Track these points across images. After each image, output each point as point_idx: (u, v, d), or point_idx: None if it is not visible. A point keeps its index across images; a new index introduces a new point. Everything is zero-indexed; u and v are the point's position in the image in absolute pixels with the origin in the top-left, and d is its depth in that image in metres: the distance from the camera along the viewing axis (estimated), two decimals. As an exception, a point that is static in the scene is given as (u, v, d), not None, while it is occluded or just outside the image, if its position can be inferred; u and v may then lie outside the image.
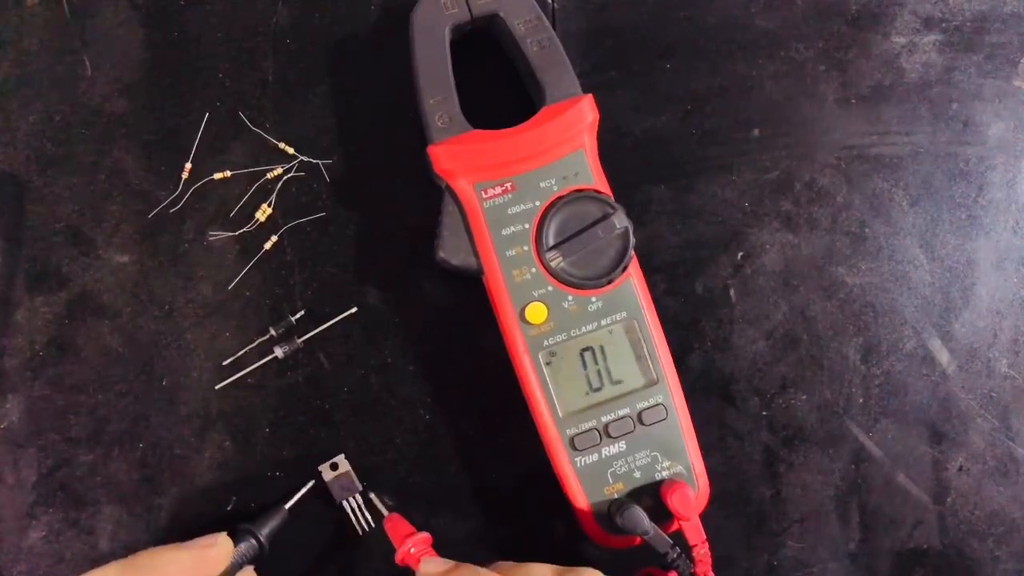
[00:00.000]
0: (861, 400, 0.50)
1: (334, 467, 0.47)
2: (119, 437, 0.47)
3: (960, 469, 0.50)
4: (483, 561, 0.41)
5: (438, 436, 0.48)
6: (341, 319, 0.48)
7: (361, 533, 0.47)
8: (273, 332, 0.47)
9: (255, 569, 0.44)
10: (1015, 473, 0.50)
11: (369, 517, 0.47)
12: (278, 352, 0.47)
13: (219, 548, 0.41)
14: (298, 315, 0.48)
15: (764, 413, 0.49)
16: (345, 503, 0.47)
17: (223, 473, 0.47)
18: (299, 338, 0.47)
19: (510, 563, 0.41)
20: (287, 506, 0.46)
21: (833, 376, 0.50)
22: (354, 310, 0.48)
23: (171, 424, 0.47)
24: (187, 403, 0.47)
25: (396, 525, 0.44)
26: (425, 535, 0.43)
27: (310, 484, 0.46)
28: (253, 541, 0.43)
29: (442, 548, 0.46)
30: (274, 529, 0.44)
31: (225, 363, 0.47)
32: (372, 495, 0.47)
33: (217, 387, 0.47)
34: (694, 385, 0.49)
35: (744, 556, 0.49)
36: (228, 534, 0.42)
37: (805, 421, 0.49)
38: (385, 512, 0.46)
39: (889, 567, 0.49)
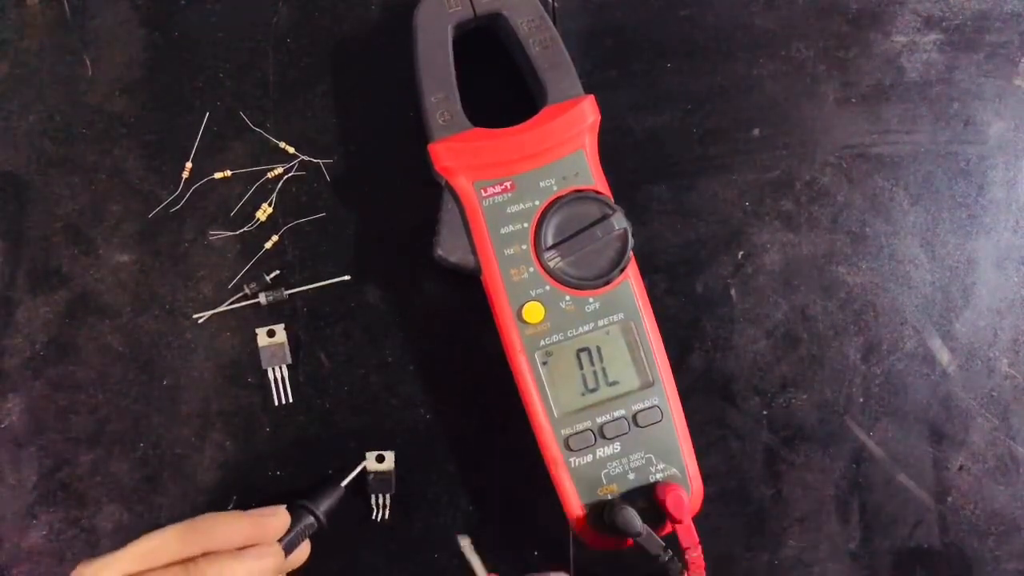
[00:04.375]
0: (861, 400, 0.50)
1: (380, 459, 0.47)
2: (119, 437, 0.47)
3: (960, 468, 0.50)
4: (484, 559, 0.42)
5: (438, 436, 0.48)
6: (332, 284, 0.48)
7: (380, 522, 0.47)
8: (247, 289, 0.47)
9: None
10: (1015, 472, 0.50)
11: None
12: (262, 299, 0.47)
13: (278, 518, 0.42)
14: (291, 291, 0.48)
15: (764, 413, 0.49)
16: (374, 497, 0.47)
17: (223, 473, 0.47)
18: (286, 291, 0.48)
19: None
20: (344, 483, 0.46)
21: (833, 375, 0.50)
22: (347, 277, 0.48)
23: (171, 424, 0.47)
24: (187, 403, 0.47)
25: None
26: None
27: (363, 465, 0.47)
28: (311, 517, 0.44)
29: (442, 547, 0.46)
30: (331, 506, 0.45)
31: (198, 317, 0.47)
32: (466, 545, 0.47)
33: (199, 319, 0.47)
34: (694, 385, 0.49)
35: (744, 556, 0.49)
36: (287, 508, 0.43)
37: (805, 421, 0.49)
38: (483, 573, 0.46)
39: (889, 566, 0.49)
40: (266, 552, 0.40)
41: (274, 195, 0.48)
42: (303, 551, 0.44)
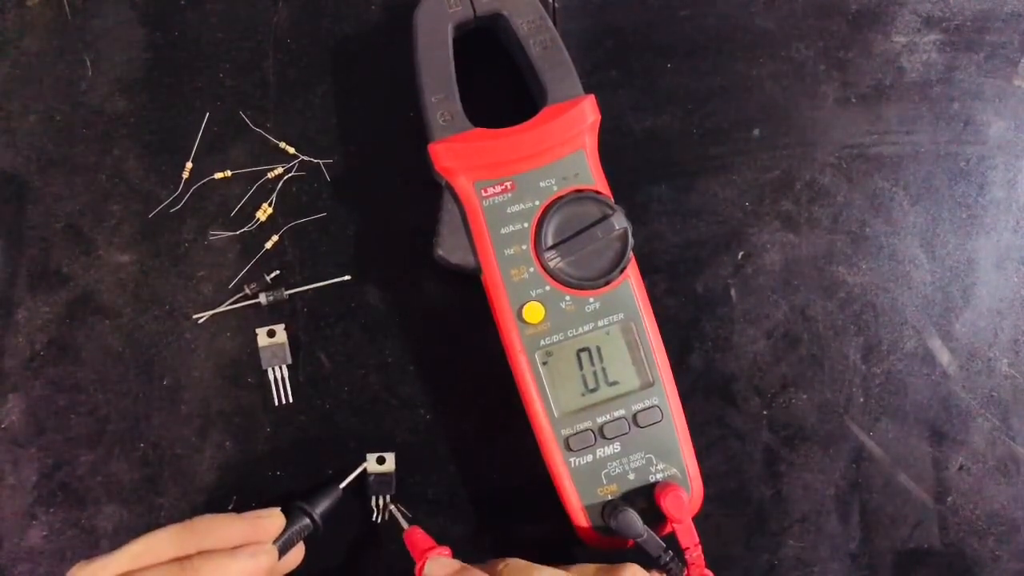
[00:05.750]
0: (861, 400, 0.50)
1: (381, 461, 0.47)
2: (119, 437, 0.47)
3: (960, 468, 0.50)
4: (484, 559, 0.42)
5: (438, 436, 0.48)
6: (333, 283, 0.48)
7: (378, 521, 0.47)
8: (246, 290, 0.47)
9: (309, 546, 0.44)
10: (1016, 473, 0.50)
11: (392, 511, 0.47)
12: (262, 298, 0.47)
13: (273, 519, 0.42)
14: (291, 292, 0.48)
15: (764, 413, 0.49)
16: (374, 498, 0.47)
17: (223, 473, 0.47)
18: (286, 290, 0.48)
19: (524, 562, 0.41)
20: (342, 486, 0.46)
21: (834, 376, 0.50)
22: (347, 277, 0.48)
23: (171, 424, 0.47)
24: (187, 403, 0.47)
25: (415, 538, 0.44)
26: (445, 548, 0.43)
27: (363, 466, 0.47)
28: (306, 519, 0.44)
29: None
30: (328, 508, 0.45)
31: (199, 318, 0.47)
32: (392, 507, 0.47)
33: (199, 319, 0.47)
34: (694, 385, 0.49)
35: (744, 556, 0.49)
36: (282, 511, 0.43)
37: (805, 421, 0.49)
38: (405, 525, 0.45)
39: (889, 567, 0.49)
40: (260, 551, 0.41)
41: (274, 195, 0.48)
42: (297, 553, 0.44)
